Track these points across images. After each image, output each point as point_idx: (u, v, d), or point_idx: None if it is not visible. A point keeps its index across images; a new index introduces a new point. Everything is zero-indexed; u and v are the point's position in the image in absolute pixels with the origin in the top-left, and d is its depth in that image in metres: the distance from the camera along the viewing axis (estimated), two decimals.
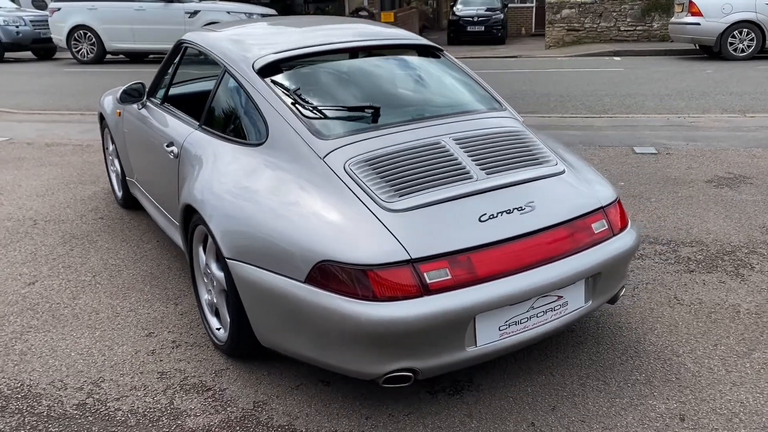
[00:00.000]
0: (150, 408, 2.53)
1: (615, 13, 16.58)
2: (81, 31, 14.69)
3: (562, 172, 2.73)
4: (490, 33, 21.57)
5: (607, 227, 2.63)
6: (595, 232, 2.59)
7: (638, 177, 5.24)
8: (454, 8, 22.47)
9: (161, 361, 2.86)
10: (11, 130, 7.74)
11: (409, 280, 2.21)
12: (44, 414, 2.51)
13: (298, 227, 2.35)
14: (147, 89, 3.93)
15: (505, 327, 2.39)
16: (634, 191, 4.90)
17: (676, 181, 5.10)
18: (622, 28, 16.61)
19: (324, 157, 2.56)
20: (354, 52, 3.34)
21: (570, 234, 2.52)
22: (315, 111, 2.76)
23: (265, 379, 2.70)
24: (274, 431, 2.38)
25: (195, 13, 13.65)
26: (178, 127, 3.37)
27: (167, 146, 3.36)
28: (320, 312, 2.24)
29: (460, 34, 21.58)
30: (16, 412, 2.52)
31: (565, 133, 6.80)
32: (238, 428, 2.40)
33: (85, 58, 14.91)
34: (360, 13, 17.87)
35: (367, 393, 2.58)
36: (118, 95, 3.80)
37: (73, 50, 14.93)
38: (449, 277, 2.25)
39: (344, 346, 2.27)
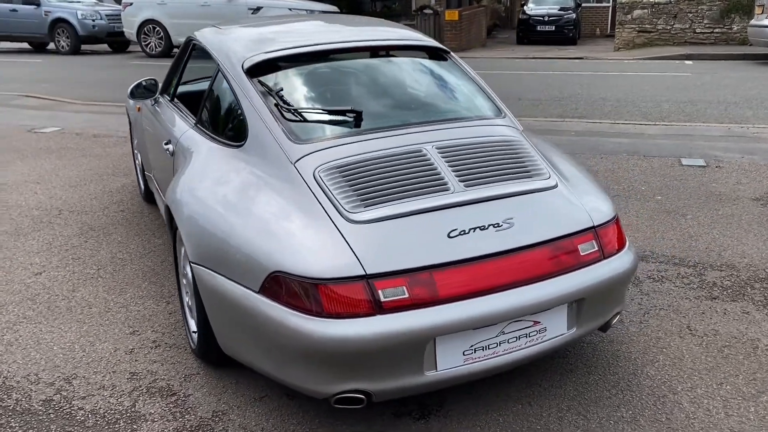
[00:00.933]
0: (111, 410, 2.50)
1: (691, 14, 15.75)
2: (150, 26, 15.18)
3: (554, 187, 2.53)
4: (561, 33, 20.92)
5: (596, 249, 2.42)
6: (582, 253, 2.38)
7: (678, 191, 4.89)
8: (525, 7, 21.94)
9: (136, 361, 2.83)
10: (65, 120, 8.02)
11: (362, 297, 2.08)
12: (10, 408, 2.52)
13: (257, 235, 2.25)
14: (161, 85, 3.94)
15: (470, 352, 2.22)
16: (669, 206, 4.57)
17: (720, 198, 4.73)
18: (697, 30, 15.76)
19: (295, 162, 2.46)
20: (354, 53, 3.22)
21: (551, 255, 2.32)
22: (296, 113, 2.66)
23: (231, 388, 2.62)
24: None
25: (258, 9, 13.84)
26: (178, 125, 3.35)
27: (165, 144, 3.34)
28: (272, 325, 2.14)
29: (530, 33, 21.03)
30: None
31: (611, 141, 6.46)
32: None
33: (154, 52, 15.39)
34: (425, 10, 17.67)
35: (329, 410, 2.47)
36: (128, 90, 3.82)
37: (143, 44, 15.43)
38: (406, 295, 2.11)
39: (294, 362, 2.17)
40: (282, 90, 2.76)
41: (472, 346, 2.22)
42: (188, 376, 2.71)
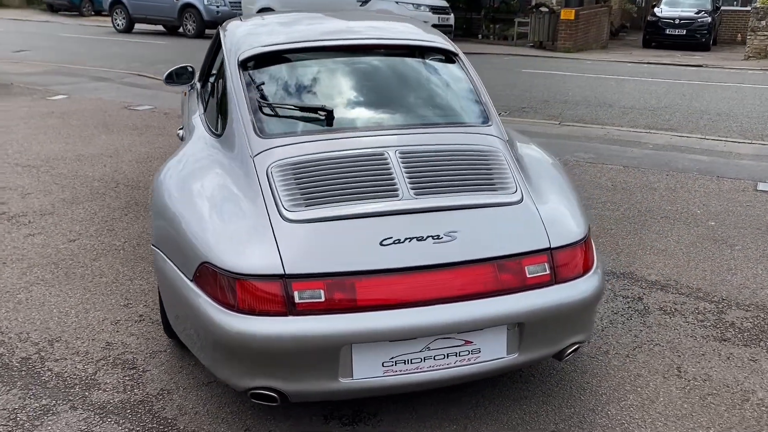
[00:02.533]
0: (74, 374, 2.67)
1: None
2: (266, 13, 15.80)
3: (516, 203, 2.39)
4: (692, 37, 19.53)
5: (547, 272, 2.27)
6: (528, 275, 2.24)
7: (737, 218, 4.46)
8: (656, 8, 20.69)
9: (117, 332, 3.00)
10: (162, 100, 8.55)
11: (277, 297, 2.08)
12: None
13: (199, 225, 2.31)
14: (197, 73, 4.11)
15: (390, 364, 2.16)
16: (720, 234, 4.17)
17: None
18: None
19: (254, 156, 2.49)
20: (354, 51, 3.17)
21: (491, 274, 2.21)
22: (271, 108, 2.69)
23: (186, 369, 2.72)
24: (156, 423, 2.39)
25: (366, 2, 14.03)
26: (192, 112, 3.49)
27: (179, 130, 3.49)
28: (197, 313, 2.20)
29: (657, 36, 19.80)
30: None
31: (688, 158, 5.99)
32: (128, 412, 2.45)
33: None
34: (540, 8, 17.13)
35: (264, 405, 2.49)
36: (164, 76, 4.02)
37: None
38: (322, 299, 2.09)
39: (215, 352, 2.22)
40: (264, 84, 2.80)
41: (392, 358, 2.16)
42: (154, 353, 2.83)
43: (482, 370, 2.26)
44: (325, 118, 2.65)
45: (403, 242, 2.20)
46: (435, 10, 14.04)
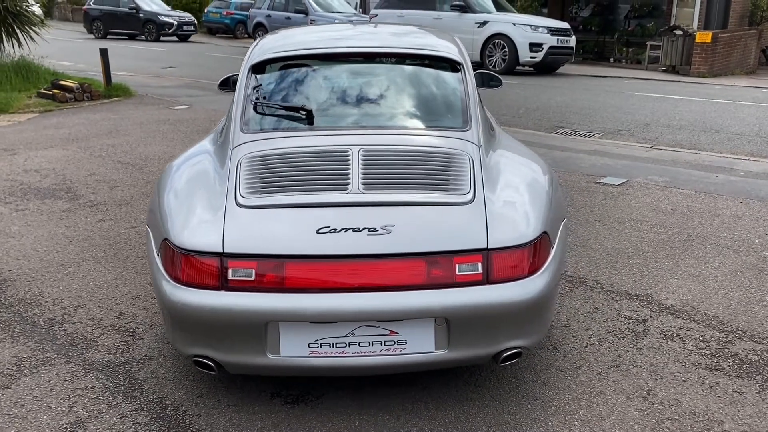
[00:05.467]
0: (81, 336, 3.04)
1: None
2: None
3: (464, 203, 2.43)
4: None
5: (479, 272, 2.29)
6: (457, 273, 2.28)
7: None
8: None
9: (133, 305, 3.35)
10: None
11: (212, 272, 2.29)
12: (27, 318, 3.19)
13: (170, 206, 2.57)
14: None
15: (316, 345, 2.29)
16: (763, 264, 3.84)
17: None
18: None
19: (233, 148, 2.73)
20: (356, 58, 3.32)
21: (419, 268, 2.27)
22: (261, 107, 2.93)
23: None
24: (126, 382, 2.68)
25: (484, 23, 14.10)
26: None
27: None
28: (156, 284, 2.46)
29: None
30: (9, 306, 3.26)
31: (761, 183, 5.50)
32: (109, 370, 2.76)
33: None
34: (675, 31, 16.24)
35: (220, 380, 2.69)
36: (218, 83, 4.40)
37: None
38: (252, 278, 2.26)
39: (166, 320, 2.46)
40: (262, 86, 3.04)
41: (317, 340, 2.29)
42: (155, 325, 3.15)
43: (409, 361, 2.32)
44: (306, 118, 2.85)
45: (339, 232, 2.32)
46: (554, 31, 13.78)
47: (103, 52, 10.29)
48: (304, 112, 2.85)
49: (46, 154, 6.49)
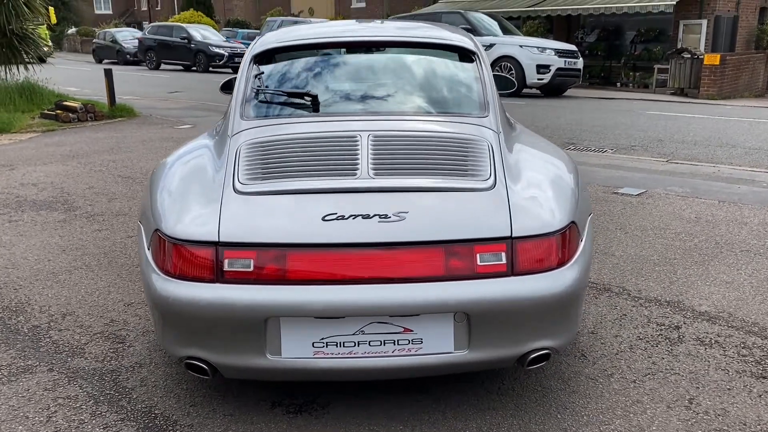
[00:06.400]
0: (67, 343, 2.80)
1: None
2: None
3: (485, 189, 2.21)
4: None
5: (503, 262, 2.05)
6: (479, 263, 2.04)
7: None
8: None
9: (126, 312, 3.12)
10: None
11: (206, 263, 2.06)
12: (10, 325, 2.96)
13: (162, 197, 2.36)
14: None
15: (321, 345, 2.05)
16: None
17: None
18: None
19: (232, 135, 2.53)
20: (364, 48, 3.13)
21: (438, 258, 2.04)
22: (262, 95, 2.73)
23: None
24: (113, 390, 2.43)
25: (490, 46, 14.01)
26: None
27: None
28: (145, 279, 2.23)
29: None
30: None
31: None
32: (95, 378, 2.52)
33: None
34: (683, 54, 16.14)
35: (222, 383, 2.45)
36: (220, 86, 4.23)
37: None
38: (251, 269, 2.04)
39: (154, 318, 2.23)
40: (262, 75, 2.85)
41: (323, 339, 2.05)
42: (147, 332, 2.91)
43: (425, 363, 2.07)
44: (312, 105, 2.66)
45: (347, 219, 2.10)
46: (561, 53, 13.68)
47: (108, 73, 10.23)
48: (309, 98, 2.66)
49: (45, 169, 6.32)
